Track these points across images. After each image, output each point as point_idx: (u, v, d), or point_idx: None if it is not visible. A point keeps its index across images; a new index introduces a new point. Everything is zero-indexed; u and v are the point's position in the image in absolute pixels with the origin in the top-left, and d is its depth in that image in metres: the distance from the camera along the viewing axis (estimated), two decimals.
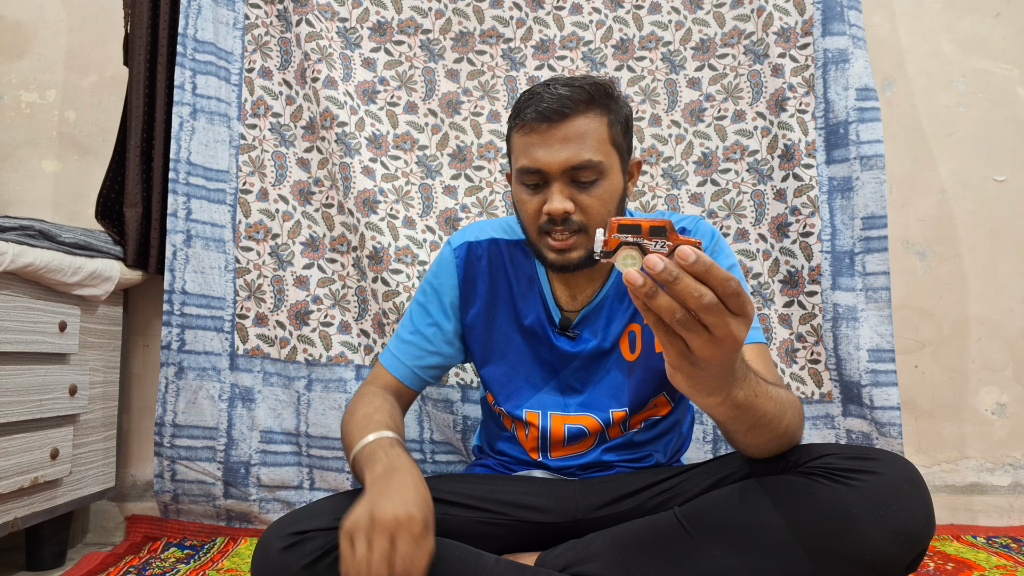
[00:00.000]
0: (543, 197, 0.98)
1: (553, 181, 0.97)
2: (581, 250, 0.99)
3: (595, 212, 0.98)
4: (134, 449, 1.66)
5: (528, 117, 0.97)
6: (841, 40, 1.53)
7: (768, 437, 0.84)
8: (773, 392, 0.80)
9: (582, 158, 0.95)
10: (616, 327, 1.08)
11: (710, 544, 0.85)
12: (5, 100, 1.73)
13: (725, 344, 0.64)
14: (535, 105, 0.96)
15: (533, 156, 0.97)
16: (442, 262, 1.14)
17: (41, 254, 1.26)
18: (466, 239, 1.14)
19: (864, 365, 1.44)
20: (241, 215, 1.59)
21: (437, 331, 1.12)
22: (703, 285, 0.62)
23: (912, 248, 1.73)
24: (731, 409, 0.75)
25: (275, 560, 0.81)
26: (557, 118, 0.95)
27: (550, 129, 0.96)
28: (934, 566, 1.33)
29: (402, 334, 1.14)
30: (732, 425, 0.81)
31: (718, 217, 1.61)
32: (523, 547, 0.99)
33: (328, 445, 1.56)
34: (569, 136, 0.95)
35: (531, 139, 0.97)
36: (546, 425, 1.08)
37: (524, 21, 1.67)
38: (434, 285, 1.14)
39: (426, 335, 1.12)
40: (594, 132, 0.97)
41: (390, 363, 1.12)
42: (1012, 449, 1.69)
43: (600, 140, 0.97)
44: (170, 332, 1.50)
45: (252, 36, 1.63)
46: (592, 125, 0.97)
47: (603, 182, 0.98)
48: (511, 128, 1.02)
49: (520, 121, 0.98)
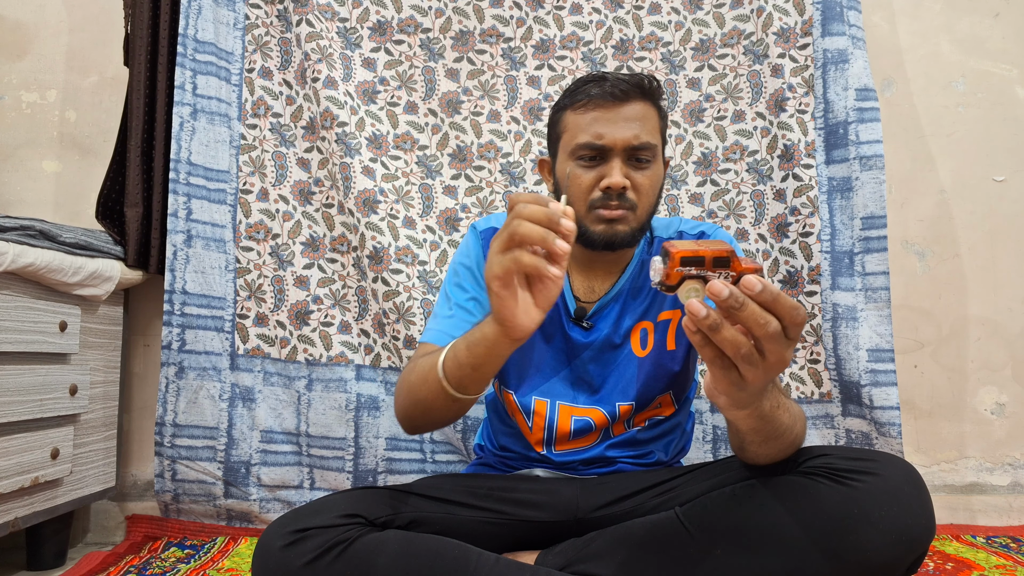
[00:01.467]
0: (599, 173, 1.01)
1: (613, 157, 1.01)
2: (627, 225, 1.02)
3: (646, 192, 1.03)
4: (135, 449, 1.66)
5: (593, 94, 1.01)
6: (841, 40, 1.53)
7: (779, 447, 0.85)
8: (787, 403, 0.82)
9: (643, 139, 1.01)
10: (628, 322, 1.09)
11: (711, 544, 0.85)
12: (6, 100, 1.73)
13: (774, 369, 0.64)
14: (599, 85, 1.02)
15: (597, 131, 1.00)
16: (469, 243, 1.15)
17: (42, 254, 1.26)
18: (491, 224, 1.16)
19: (863, 365, 1.45)
20: (241, 215, 1.59)
21: (477, 304, 1.10)
22: (768, 313, 0.61)
23: (911, 248, 1.73)
24: (756, 421, 0.77)
25: (276, 558, 0.81)
26: (623, 98, 1.01)
27: (615, 107, 1.01)
28: (934, 566, 1.33)
29: (440, 314, 1.10)
30: (752, 436, 0.82)
31: (718, 217, 1.61)
32: (523, 546, 0.99)
33: (328, 445, 1.56)
34: (632, 116, 1.01)
35: (595, 115, 1.01)
36: (553, 416, 1.08)
37: (524, 21, 1.67)
38: (465, 264, 1.14)
39: (467, 308, 1.09)
40: (651, 118, 1.03)
41: (435, 337, 1.06)
42: (1011, 449, 1.69)
43: (654, 127, 1.04)
44: (170, 332, 1.50)
45: (252, 36, 1.63)
46: (649, 112, 1.03)
47: (654, 165, 1.04)
48: (565, 108, 1.06)
49: (582, 99, 1.02)
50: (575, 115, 1.04)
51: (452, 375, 0.86)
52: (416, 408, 0.95)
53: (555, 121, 1.09)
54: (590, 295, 1.11)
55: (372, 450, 1.56)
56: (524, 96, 1.66)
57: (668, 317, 1.10)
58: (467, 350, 0.84)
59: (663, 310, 1.10)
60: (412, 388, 0.94)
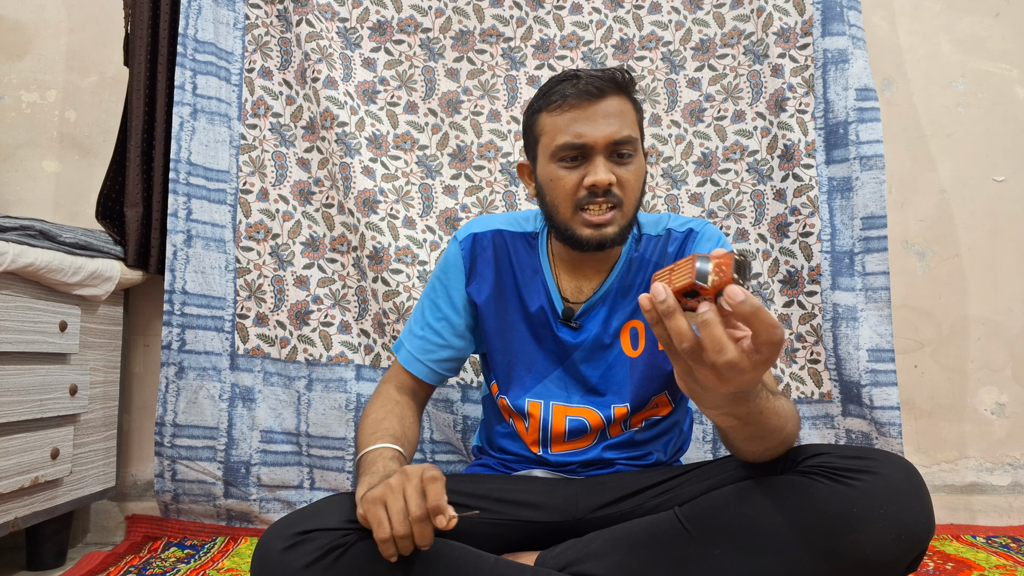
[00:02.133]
0: (582, 172, 1.01)
1: (595, 155, 1.00)
2: (615, 226, 1.02)
3: (631, 186, 1.02)
4: (134, 449, 1.66)
5: (568, 94, 1.01)
6: (841, 40, 1.53)
7: (764, 447, 0.85)
8: (779, 406, 0.81)
9: (624, 133, 1.00)
10: (617, 321, 1.09)
11: (710, 544, 0.85)
12: (6, 100, 1.73)
13: (731, 383, 0.65)
14: (573, 85, 1.01)
15: (576, 131, 1.00)
16: (448, 257, 1.16)
17: (42, 254, 1.26)
18: (471, 231, 1.16)
19: (864, 365, 1.45)
20: (241, 215, 1.59)
21: (447, 324, 1.14)
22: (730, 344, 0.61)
23: (911, 248, 1.73)
24: (732, 420, 0.77)
25: (276, 560, 0.81)
26: (599, 95, 1.00)
27: (592, 105, 1.00)
28: (934, 566, 1.33)
29: (414, 328, 1.16)
30: (731, 433, 0.82)
31: (718, 217, 1.61)
32: (523, 546, 0.99)
33: (328, 445, 1.56)
34: (610, 112, 1.00)
35: (572, 115, 1.00)
36: (547, 416, 1.09)
37: (524, 20, 1.67)
38: (442, 280, 1.15)
39: (436, 328, 1.14)
40: (628, 112, 1.03)
41: (405, 360, 1.14)
42: (1011, 449, 1.69)
43: (632, 121, 1.03)
44: (170, 332, 1.50)
45: (252, 36, 1.63)
46: (626, 106, 1.03)
47: (636, 159, 1.03)
48: (540, 110, 1.04)
49: (557, 99, 1.01)
50: (552, 116, 1.02)
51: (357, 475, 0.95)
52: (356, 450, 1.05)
53: (531, 125, 1.07)
54: (578, 295, 1.10)
55: None
56: (524, 96, 1.66)
57: None
58: (361, 476, 0.92)
59: None
60: (358, 432, 1.07)
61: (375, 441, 0.97)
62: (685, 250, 1.10)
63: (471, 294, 1.14)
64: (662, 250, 1.11)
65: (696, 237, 1.10)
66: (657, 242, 1.11)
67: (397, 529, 0.77)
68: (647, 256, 1.11)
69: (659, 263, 1.10)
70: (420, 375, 1.13)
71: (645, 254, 1.11)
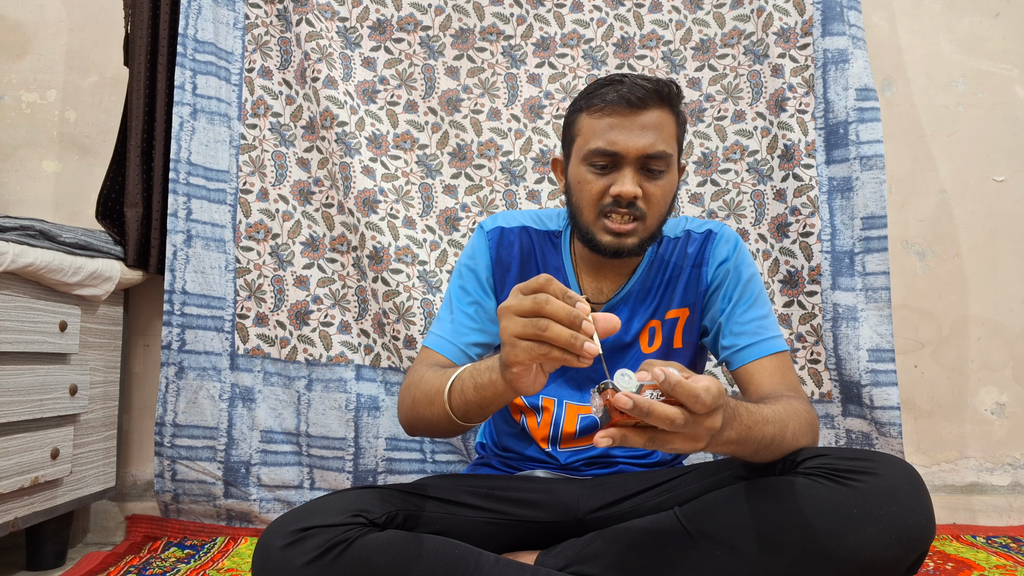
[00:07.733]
0: (610, 180, 1.00)
1: (626, 165, 0.99)
2: (636, 238, 1.01)
3: (657, 202, 1.01)
4: (134, 449, 1.66)
5: (610, 99, 0.99)
6: (841, 40, 1.53)
7: (773, 454, 0.86)
8: (769, 413, 0.82)
9: (658, 148, 0.98)
10: (638, 322, 1.09)
11: (710, 544, 0.85)
12: (5, 100, 1.73)
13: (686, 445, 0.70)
14: (616, 90, 0.99)
15: (610, 138, 0.98)
16: (475, 244, 1.15)
17: (42, 254, 1.26)
18: (498, 224, 1.15)
19: (864, 365, 1.45)
20: (241, 215, 1.59)
21: (479, 308, 1.12)
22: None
23: (912, 248, 1.73)
24: (725, 447, 0.77)
25: (276, 558, 0.81)
26: (640, 105, 0.98)
27: (632, 114, 0.98)
28: (934, 566, 1.33)
29: (444, 317, 1.13)
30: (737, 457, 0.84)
31: (718, 217, 1.61)
32: (523, 546, 0.99)
33: (328, 445, 1.56)
34: (648, 124, 0.98)
35: (610, 121, 0.99)
36: (560, 415, 1.09)
37: (524, 18, 1.67)
38: (470, 266, 1.14)
39: (468, 313, 1.11)
40: (667, 126, 1.01)
41: (437, 344, 1.09)
42: (1011, 449, 1.69)
43: (670, 135, 1.01)
44: (170, 332, 1.50)
45: (252, 36, 1.63)
46: (666, 119, 1.00)
47: (668, 175, 1.02)
48: (581, 110, 1.03)
49: (599, 103, 1.00)
50: (591, 119, 1.01)
51: (458, 407, 0.88)
52: (420, 423, 0.97)
53: (570, 122, 1.07)
54: (599, 296, 1.10)
55: (372, 450, 1.56)
56: (525, 94, 1.66)
57: (676, 315, 1.10)
58: (475, 391, 0.85)
59: (671, 308, 1.10)
60: (417, 405, 0.96)
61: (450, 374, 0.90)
62: (705, 252, 1.10)
63: (496, 284, 1.13)
64: (682, 251, 1.11)
65: (715, 239, 1.11)
66: (676, 244, 1.12)
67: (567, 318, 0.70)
68: (667, 258, 1.11)
69: (679, 264, 1.10)
70: (453, 357, 1.07)
71: (665, 255, 1.11)
